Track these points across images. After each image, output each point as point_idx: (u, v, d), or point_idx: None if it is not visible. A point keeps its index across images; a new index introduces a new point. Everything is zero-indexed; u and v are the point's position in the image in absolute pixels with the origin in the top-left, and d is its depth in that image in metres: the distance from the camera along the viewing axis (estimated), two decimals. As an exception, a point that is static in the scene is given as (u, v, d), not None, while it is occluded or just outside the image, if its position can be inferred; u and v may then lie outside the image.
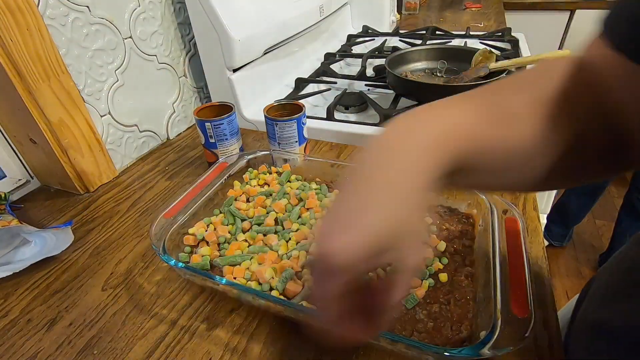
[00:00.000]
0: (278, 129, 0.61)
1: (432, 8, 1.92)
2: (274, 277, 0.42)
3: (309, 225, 0.48)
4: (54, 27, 0.56)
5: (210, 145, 0.63)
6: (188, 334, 0.41)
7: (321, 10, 1.02)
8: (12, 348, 0.41)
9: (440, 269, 0.42)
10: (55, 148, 0.59)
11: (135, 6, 0.67)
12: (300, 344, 0.39)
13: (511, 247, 0.40)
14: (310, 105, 0.86)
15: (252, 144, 0.76)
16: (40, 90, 0.54)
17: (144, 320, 0.43)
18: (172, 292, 0.46)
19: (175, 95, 0.81)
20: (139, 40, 0.70)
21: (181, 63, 0.81)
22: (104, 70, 0.65)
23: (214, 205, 0.53)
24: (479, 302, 0.38)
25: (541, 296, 0.42)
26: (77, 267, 0.50)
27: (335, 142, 0.74)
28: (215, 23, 0.72)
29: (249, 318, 0.42)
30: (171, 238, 0.45)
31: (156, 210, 0.60)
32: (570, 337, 0.41)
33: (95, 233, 0.56)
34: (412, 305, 0.38)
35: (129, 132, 0.71)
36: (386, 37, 1.23)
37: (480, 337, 0.32)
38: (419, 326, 0.37)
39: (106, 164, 0.67)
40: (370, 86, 0.89)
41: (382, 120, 0.72)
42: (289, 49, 0.97)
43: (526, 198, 0.56)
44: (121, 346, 0.40)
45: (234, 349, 0.39)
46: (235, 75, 0.79)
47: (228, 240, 0.48)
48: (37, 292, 0.47)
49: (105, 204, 0.62)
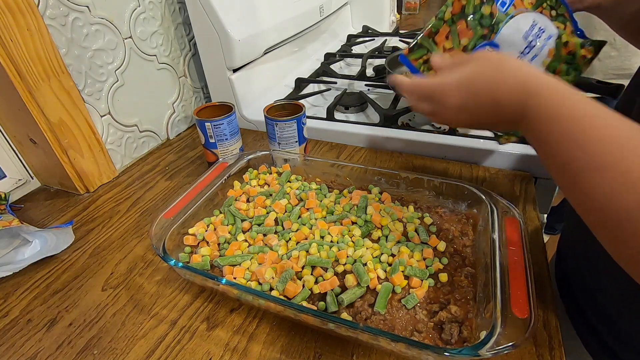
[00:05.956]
0: (278, 129, 0.61)
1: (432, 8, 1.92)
2: (274, 277, 0.42)
3: (309, 225, 0.48)
4: (54, 27, 0.56)
5: (210, 145, 0.63)
6: (188, 334, 0.41)
7: (321, 10, 1.02)
8: (12, 348, 0.41)
9: (440, 269, 0.42)
10: (55, 148, 0.59)
11: (135, 6, 0.67)
12: (300, 344, 0.39)
13: (511, 247, 0.40)
14: (310, 105, 0.86)
15: (252, 144, 0.76)
16: (40, 90, 0.54)
17: (144, 320, 0.43)
18: (172, 292, 0.46)
19: (175, 95, 0.81)
20: (139, 40, 0.70)
21: (181, 63, 0.81)
22: (104, 70, 0.65)
23: (214, 206, 0.53)
24: (479, 302, 0.38)
25: (541, 296, 0.42)
26: (77, 267, 0.50)
27: (335, 142, 0.74)
28: (215, 23, 0.72)
29: (249, 318, 0.42)
30: (171, 238, 0.45)
31: (156, 210, 0.60)
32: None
33: (95, 233, 0.56)
34: (412, 305, 0.38)
35: (129, 132, 0.71)
36: (386, 37, 1.23)
37: (480, 337, 0.32)
38: (419, 326, 0.37)
39: (106, 164, 0.67)
40: (370, 86, 0.89)
41: (382, 120, 0.72)
42: (289, 49, 0.97)
43: (526, 198, 0.56)
44: (121, 346, 0.40)
45: (234, 349, 0.39)
46: (235, 75, 0.79)
47: (228, 240, 0.48)
48: (37, 292, 0.47)
49: (105, 204, 0.62)
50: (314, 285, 0.41)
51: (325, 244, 0.44)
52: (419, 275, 0.41)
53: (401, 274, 0.41)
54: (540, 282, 0.43)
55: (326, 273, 0.42)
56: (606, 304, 0.43)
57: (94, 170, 0.65)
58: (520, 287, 0.35)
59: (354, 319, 0.38)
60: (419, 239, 0.45)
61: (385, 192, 0.53)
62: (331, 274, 0.42)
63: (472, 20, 0.40)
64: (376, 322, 0.37)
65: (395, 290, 0.40)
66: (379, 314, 0.38)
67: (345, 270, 0.42)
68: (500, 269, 0.37)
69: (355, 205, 0.50)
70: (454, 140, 0.66)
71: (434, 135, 0.68)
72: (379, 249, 0.44)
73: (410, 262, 0.42)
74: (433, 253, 0.44)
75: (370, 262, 0.42)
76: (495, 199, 0.46)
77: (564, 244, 0.55)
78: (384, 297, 0.38)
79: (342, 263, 0.43)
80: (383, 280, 0.41)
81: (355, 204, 0.50)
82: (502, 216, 0.44)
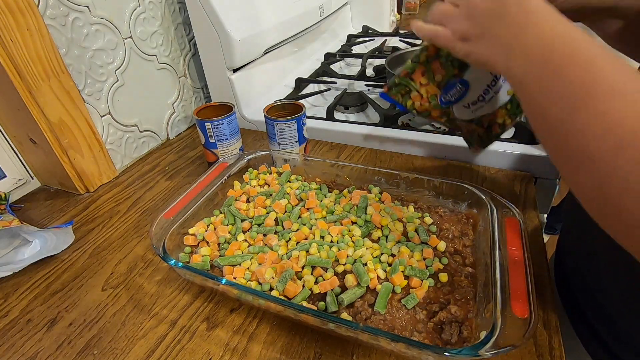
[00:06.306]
0: (278, 129, 0.61)
1: (432, 8, 1.92)
2: (274, 277, 0.42)
3: (309, 225, 0.48)
4: (54, 27, 0.56)
5: (210, 145, 0.63)
6: (188, 334, 0.41)
7: (321, 10, 1.02)
8: (12, 348, 0.41)
9: (440, 269, 0.42)
10: (55, 148, 0.59)
11: (135, 6, 0.67)
12: (300, 344, 0.39)
13: (511, 247, 0.40)
14: (310, 105, 0.86)
15: (252, 144, 0.76)
16: (40, 90, 0.54)
17: (144, 320, 0.43)
18: (172, 292, 0.46)
19: (175, 95, 0.81)
20: (139, 40, 0.70)
21: (181, 63, 0.81)
22: (104, 70, 0.65)
23: (214, 206, 0.53)
24: (479, 302, 0.38)
25: (541, 296, 0.42)
26: (77, 267, 0.50)
27: (335, 142, 0.74)
28: (215, 23, 0.72)
29: (249, 318, 0.42)
30: (171, 238, 0.45)
31: (156, 210, 0.60)
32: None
33: (95, 233, 0.56)
34: (412, 305, 0.38)
35: (129, 132, 0.71)
36: (386, 37, 1.23)
37: (480, 337, 0.32)
38: (419, 326, 0.37)
39: (106, 164, 0.67)
40: (370, 86, 0.89)
41: (382, 120, 0.72)
42: (289, 49, 0.97)
43: (526, 198, 0.56)
44: (121, 346, 0.40)
45: (234, 349, 0.39)
46: (235, 75, 0.79)
47: (228, 240, 0.48)
48: (37, 292, 0.47)
49: (106, 204, 0.62)
50: (314, 285, 0.41)
51: (325, 244, 0.44)
52: (419, 275, 0.41)
53: (401, 274, 0.41)
54: (540, 282, 0.43)
55: (326, 273, 0.42)
56: (606, 304, 0.43)
57: (94, 170, 0.65)
58: (520, 287, 0.35)
59: (354, 319, 0.38)
60: (419, 239, 0.45)
61: (385, 192, 0.53)
62: (331, 274, 0.42)
63: (445, 61, 0.45)
64: (376, 322, 0.37)
65: (395, 290, 0.40)
66: (379, 314, 0.38)
67: (345, 270, 0.42)
68: (500, 269, 0.37)
69: (355, 205, 0.50)
70: (454, 140, 0.65)
71: (434, 135, 0.68)
72: (379, 249, 0.44)
73: (410, 262, 0.42)
74: (433, 253, 0.44)
75: (370, 262, 0.42)
76: (495, 199, 0.46)
77: (563, 244, 0.55)
78: (384, 297, 0.38)
79: (342, 263, 0.43)
80: (383, 280, 0.41)
81: (355, 204, 0.50)
82: (502, 216, 0.44)
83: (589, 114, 0.25)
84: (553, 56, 0.29)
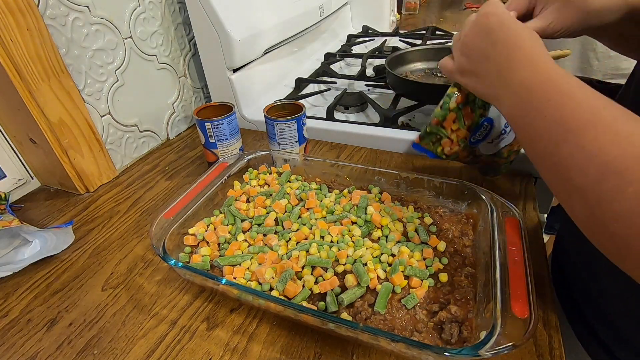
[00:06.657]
0: (278, 129, 0.61)
1: (432, 8, 1.92)
2: (274, 277, 0.42)
3: (309, 225, 0.48)
4: (54, 27, 0.56)
5: (210, 145, 0.63)
6: (188, 334, 0.41)
7: (321, 10, 1.02)
8: (12, 348, 0.41)
9: (440, 269, 0.42)
10: (55, 148, 0.59)
11: (135, 6, 0.67)
12: (300, 344, 0.39)
13: (511, 247, 0.39)
14: (310, 105, 0.86)
15: (252, 144, 0.76)
16: (40, 90, 0.54)
17: (144, 320, 0.43)
18: (172, 292, 0.46)
19: (175, 95, 0.81)
20: (139, 40, 0.70)
21: (181, 63, 0.81)
22: (104, 70, 0.65)
23: (214, 206, 0.53)
24: (479, 302, 0.38)
25: (541, 296, 0.42)
26: (77, 267, 0.50)
27: (335, 142, 0.74)
28: (215, 23, 0.72)
29: (249, 318, 0.42)
30: (171, 238, 0.45)
31: (156, 210, 0.60)
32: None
33: (95, 233, 0.56)
34: (412, 305, 0.38)
35: (129, 132, 0.71)
36: (386, 37, 1.23)
37: (480, 337, 0.32)
38: (419, 326, 0.37)
39: (106, 164, 0.67)
40: (370, 86, 0.89)
41: (382, 120, 0.72)
42: (289, 49, 0.97)
43: (526, 198, 0.56)
44: (121, 346, 0.40)
45: (234, 349, 0.39)
46: (235, 75, 0.79)
47: (228, 240, 0.48)
48: (37, 292, 0.47)
49: (106, 204, 0.62)
50: (314, 285, 0.41)
51: (325, 244, 0.44)
52: (419, 275, 0.41)
53: (401, 274, 0.41)
54: (540, 282, 0.43)
55: (326, 273, 0.42)
56: (605, 304, 0.43)
57: (94, 170, 0.65)
58: (520, 287, 0.35)
59: (354, 319, 0.38)
60: (419, 239, 0.45)
61: (385, 192, 0.53)
62: (331, 274, 0.42)
63: (475, 105, 0.46)
64: (376, 322, 0.37)
65: (395, 290, 0.40)
66: (379, 314, 0.38)
67: (345, 270, 0.42)
68: (500, 269, 0.37)
69: (355, 205, 0.50)
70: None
71: (434, 135, 0.68)
72: (379, 249, 0.44)
73: (410, 262, 0.42)
74: (433, 253, 0.44)
75: (370, 262, 0.42)
76: (495, 199, 0.46)
77: (562, 244, 0.55)
78: (384, 297, 0.38)
79: (342, 263, 0.43)
80: (383, 280, 0.41)
81: (355, 204, 0.50)
82: (502, 216, 0.44)
83: (571, 146, 0.27)
84: (532, 97, 0.31)
